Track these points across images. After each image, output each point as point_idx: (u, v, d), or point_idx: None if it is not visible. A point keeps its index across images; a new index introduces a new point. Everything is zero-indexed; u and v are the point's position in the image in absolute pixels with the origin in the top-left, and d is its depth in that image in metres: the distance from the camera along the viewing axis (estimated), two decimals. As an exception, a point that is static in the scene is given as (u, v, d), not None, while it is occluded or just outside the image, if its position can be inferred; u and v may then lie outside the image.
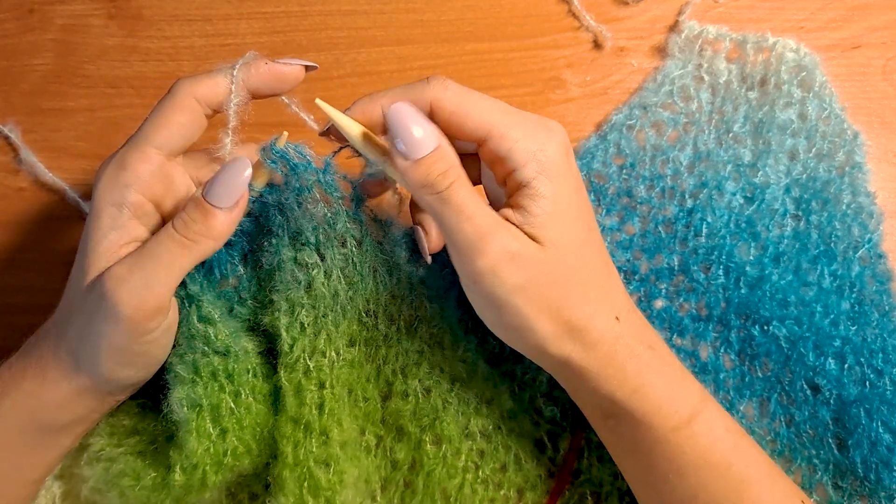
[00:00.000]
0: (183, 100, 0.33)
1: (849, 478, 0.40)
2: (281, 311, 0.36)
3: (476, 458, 0.40)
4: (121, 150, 0.33)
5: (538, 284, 0.31)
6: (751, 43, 0.45)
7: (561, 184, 0.31)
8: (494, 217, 0.31)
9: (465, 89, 0.32)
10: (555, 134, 0.32)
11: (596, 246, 0.33)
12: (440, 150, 0.31)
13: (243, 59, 0.35)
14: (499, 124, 0.31)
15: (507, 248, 0.31)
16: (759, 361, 0.42)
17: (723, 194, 0.44)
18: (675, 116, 0.45)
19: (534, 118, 0.32)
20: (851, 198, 0.43)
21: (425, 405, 0.40)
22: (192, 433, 0.34)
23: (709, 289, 0.43)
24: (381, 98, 0.33)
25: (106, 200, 0.32)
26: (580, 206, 0.33)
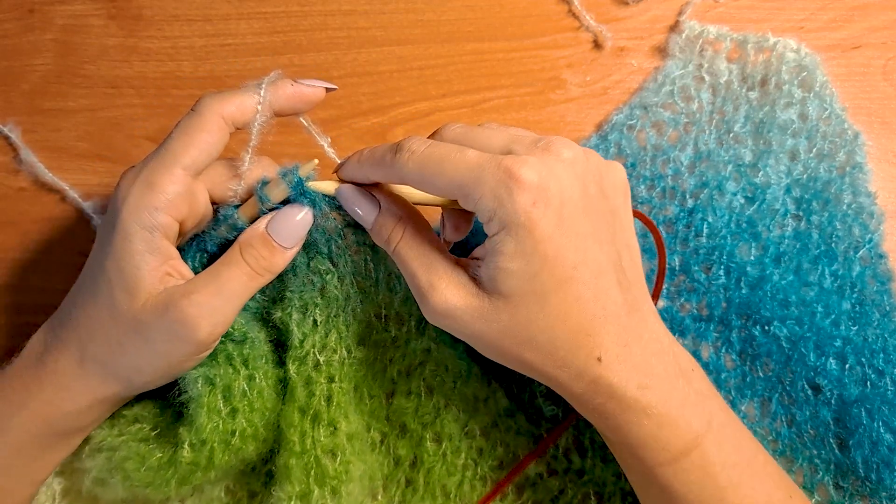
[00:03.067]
0: (210, 119, 0.33)
1: (850, 478, 0.40)
2: (294, 308, 0.38)
3: (475, 455, 0.40)
4: (146, 168, 0.33)
5: (485, 336, 0.33)
6: (751, 43, 0.45)
7: (523, 238, 0.30)
8: (437, 272, 0.33)
9: (431, 154, 0.32)
10: (519, 187, 0.30)
11: (576, 289, 0.31)
12: (378, 220, 0.35)
13: (269, 78, 0.35)
14: (461, 186, 0.31)
15: (442, 306, 0.32)
16: (761, 361, 0.42)
17: (723, 194, 0.44)
18: (676, 116, 0.45)
19: (496, 174, 0.30)
20: (852, 198, 0.43)
21: (427, 404, 0.40)
22: (203, 408, 0.35)
23: (710, 289, 0.43)
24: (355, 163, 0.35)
25: (136, 223, 0.32)
26: (550, 254, 0.31)
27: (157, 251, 0.33)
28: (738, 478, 0.33)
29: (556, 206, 0.31)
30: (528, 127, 0.46)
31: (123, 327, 0.33)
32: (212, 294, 0.33)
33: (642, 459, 0.33)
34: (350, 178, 0.36)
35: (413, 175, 0.32)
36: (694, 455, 0.32)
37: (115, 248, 0.33)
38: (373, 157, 0.34)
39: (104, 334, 0.34)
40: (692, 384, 0.34)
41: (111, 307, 0.33)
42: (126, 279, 0.33)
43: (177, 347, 0.34)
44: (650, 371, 0.33)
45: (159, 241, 0.33)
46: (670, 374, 0.33)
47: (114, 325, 0.34)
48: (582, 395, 0.33)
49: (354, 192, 0.35)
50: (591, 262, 0.32)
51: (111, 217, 0.33)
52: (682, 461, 0.32)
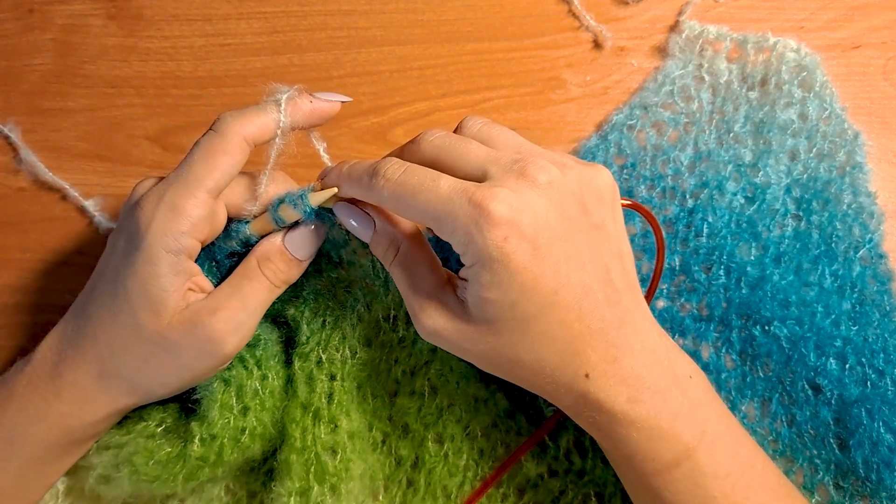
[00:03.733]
0: (233, 141, 0.33)
1: (850, 478, 0.40)
2: (308, 307, 0.39)
3: (476, 456, 0.40)
4: (170, 191, 0.33)
5: (473, 353, 0.33)
6: (751, 43, 0.45)
7: (497, 271, 0.30)
8: (427, 294, 0.33)
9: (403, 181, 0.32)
10: (488, 223, 0.30)
11: (558, 313, 0.31)
12: (373, 239, 0.35)
13: (288, 95, 0.35)
14: (431, 218, 0.31)
15: (431, 326, 0.33)
16: (761, 361, 0.42)
17: (723, 194, 0.44)
18: (676, 116, 0.45)
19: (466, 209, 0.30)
20: (852, 198, 0.43)
21: (431, 404, 0.40)
22: (215, 403, 0.35)
23: (710, 289, 0.43)
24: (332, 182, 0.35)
25: (162, 247, 0.33)
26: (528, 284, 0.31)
27: (181, 272, 0.33)
28: (730, 488, 0.32)
29: (531, 237, 0.30)
30: (528, 127, 0.46)
31: (149, 346, 0.34)
32: (237, 310, 0.34)
33: (633, 469, 0.33)
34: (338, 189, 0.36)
35: (388, 202, 0.33)
36: (685, 466, 0.32)
37: (139, 271, 0.33)
38: (350, 178, 0.34)
39: (128, 351, 0.34)
40: (687, 393, 0.33)
41: (135, 326, 0.33)
42: (151, 301, 0.33)
43: (204, 362, 0.35)
44: (641, 384, 0.32)
45: (184, 262, 0.33)
46: (663, 385, 0.33)
47: (139, 343, 0.34)
48: (572, 407, 0.34)
49: (349, 210, 0.36)
50: (573, 285, 0.32)
51: (133, 238, 0.33)
52: (673, 472, 0.32)
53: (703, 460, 0.32)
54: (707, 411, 0.34)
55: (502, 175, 0.31)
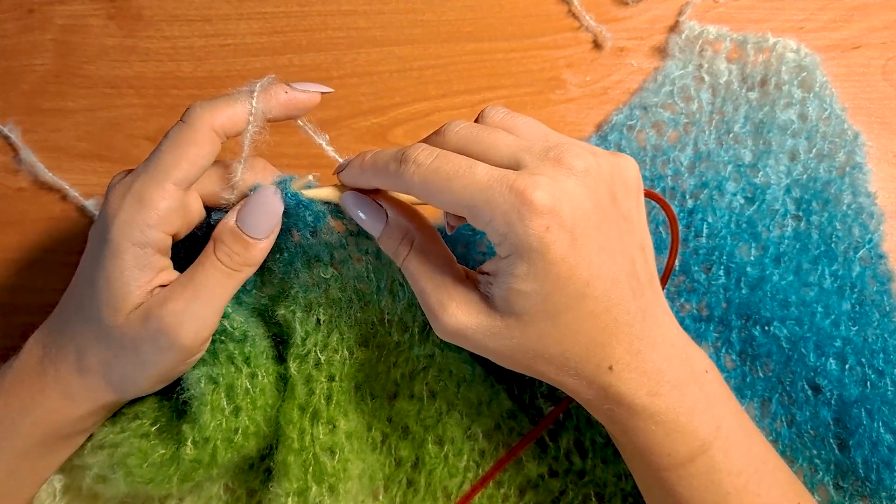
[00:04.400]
0: (201, 131, 0.32)
1: (850, 478, 0.40)
2: (298, 306, 0.38)
3: (477, 457, 0.40)
4: (137, 182, 0.32)
5: (496, 351, 0.33)
6: (751, 43, 0.45)
7: (535, 261, 0.30)
8: (447, 289, 0.32)
9: (436, 167, 0.31)
10: (530, 212, 0.29)
11: (588, 305, 0.31)
12: (385, 233, 0.34)
13: (261, 83, 0.34)
14: (469, 207, 0.30)
15: (452, 325, 0.32)
16: (761, 362, 0.42)
17: (723, 195, 0.44)
18: (676, 117, 0.45)
19: (507, 197, 0.29)
20: (852, 198, 0.43)
21: (430, 407, 0.40)
22: (206, 406, 0.35)
23: (710, 289, 0.43)
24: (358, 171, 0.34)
25: (128, 240, 0.32)
26: (563, 275, 0.30)
27: (147, 267, 0.33)
28: (743, 484, 0.32)
29: (569, 227, 0.30)
30: None
31: (112, 342, 0.33)
32: (188, 300, 0.33)
33: (648, 463, 0.33)
34: (352, 182, 0.34)
35: (418, 189, 0.31)
36: (700, 461, 0.32)
37: (105, 265, 0.32)
38: (376, 165, 0.33)
39: (96, 347, 0.34)
40: (704, 388, 0.33)
41: (98, 322, 0.33)
42: (114, 295, 0.32)
43: (164, 356, 0.34)
44: (661, 377, 0.32)
45: (150, 256, 0.33)
46: (682, 379, 0.33)
47: (104, 340, 0.33)
48: (592, 400, 0.33)
49: (359, 201, 0.34)
50: (604, 276, 0.31)
51: (101, 231, 0.33)
52: (688, 467, 0.32)
53: (717, 456, 0.32)
54: (722, 407, 0.34)
55: (538, 163, 0.30)
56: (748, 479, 0.33)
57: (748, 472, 0.33)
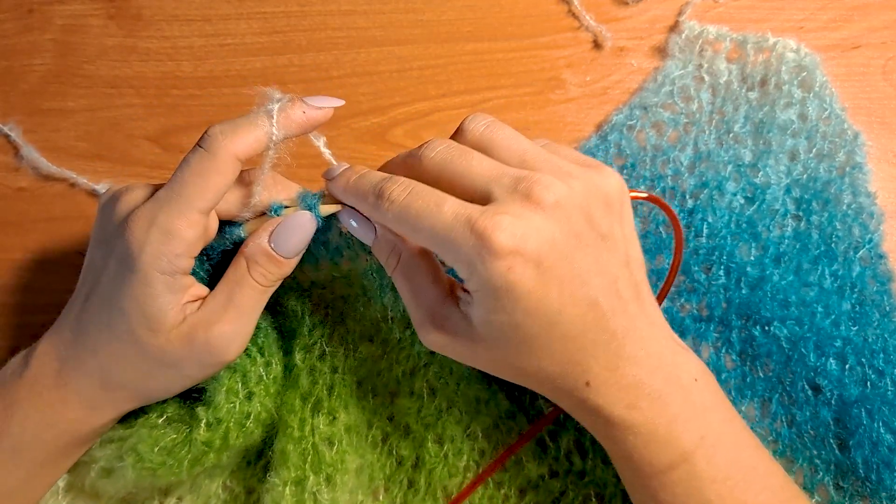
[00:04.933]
0: (225, 161, 0.33)
1: (850, 478, 0.40)
2: (310, 297, 0.40)
3: (477, 457, 0.41)
4: (162, 214, 0.32)
5: (479, 361, 0.34)
6: (751, 43, 0.45)
7: (500, 298, 0.30)
8: (429, 306, 0.34)
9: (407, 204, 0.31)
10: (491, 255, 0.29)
11: (561, 329, 0.31)
12: (375, 246, 0.36)
13: (279, 104, 0.34)
14: (435, 244, 0.31)
15: (434, 340, 0.34)
16: (761, 362, 0.42)
17: (723, 195, 0.44)
18: (676, 117, 0.45)
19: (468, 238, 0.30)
20: (852, 198, 0.43)
21: (430, 405, 0.41)
22: (222, 388, 0.36)
23: (710, 289, 0.43)
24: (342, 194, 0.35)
25: (156, 270, 0.32)
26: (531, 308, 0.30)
27: (178, 290, 0.33)
28: (728, 491, 0.32)
29: (535, 261, 0.30)
30: (528, 127, 0.47)
31: (151, 361, 0.34)
32: (232, 320, 0.34)
33: (631, 470, 0.34)
34: (338, 197, 0.36)
35: (392, 225, 0.33)
36: (681, 469, 0.32)
37: (135, 293, 0.33)
38: (357, 192, 0.34)
39: (130, 367, 0.34)
40: (690, 397, 0.33)
41: (135, 344, 0.34)
42: (149, 320, 0.33)
43: (206, 371, 0.35)
44: (640, 391, 0.32)
45: (180, 280, 0.33)
46: (664, 390, 0.33)
47: (140, 359, 0.34)
48: (570, 410, 0.34)
49: (352, 213, 0.36)
50: (577, 302, 0.31)
51: (126, 261, 0.33)
52: (669, 475, 0.32)
53: (700, 464, 0.32)
54: (709, 416, 0.33)
55: (507, 197, 0.31)
56: (734, 485, 0.33)
57: (735, 478, 0.33)
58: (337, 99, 0.36)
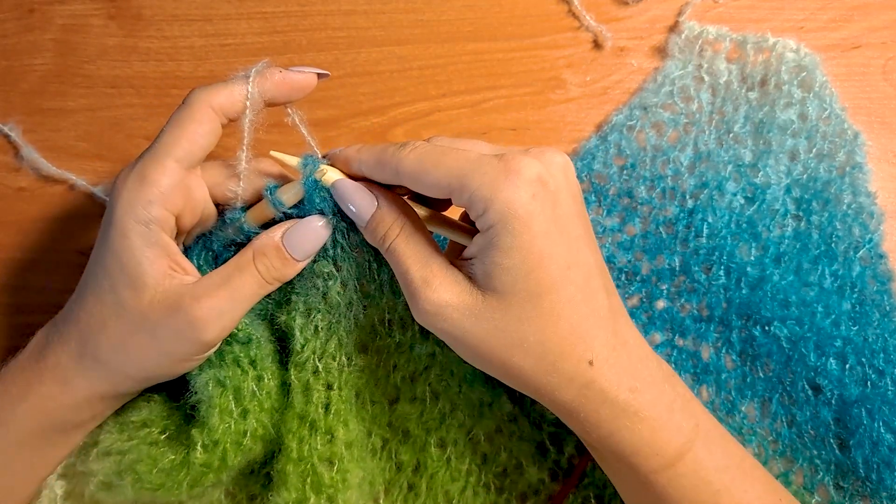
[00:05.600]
0: (200, 110, 0.33)
1: (850, 478, 0.40)
2: (298, 311, 0.38)
3: (479, 461, 0.40)
4: (139, 163, 0.33)
5: (475, 335, 0.32)
6: (751, 43, 0.45)
7: (521, 233, 0.30)
8: (429, 271, 0.33)
9: (433, 148, 0.32)
10: (521, 177, 0.30)
11: (572, 287, 0.32)
12: (376, 216, 0.34)
13: (256, 67, 0.35)
14: (457, 175, 0.31)
15: (434, 302, 0.32)
16: (761, 362, 0.42)
17: (723, 195, 0.44)
18: (676, 117, 0.45)
19: (496, 165, 0.31)
20: (852, 198, 0.43)
21: (433, 409, 0.40)
22: (215, 409, 0.35)
23: (710, 289, 0.43)
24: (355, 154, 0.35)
25: (131, 217, 0.32)
26: (549, 249, 0.31)
27: (155, 244, 0.33)
28: (730, 481, 0.33)
29: (552, 204, 0.31)
30: (528, 127, 0.47)
31: (129, 324, 0.33)
32: (223, 299, 0.34)
33: (636, 467, 0.32)
34: (343, 164, 0.35)
35: (412, 165, 0.32)
36: (688, 459, 0.32)
37: (114, 245, 0.33)
38: (373, 150, 0.34)
39: (106, 331, 0.34)
40: (676, 388, 0.34)
41: (116, 304, 0.33)
42: (129, 275, 0.33)
43: (182, 347, 0.34)
44: (638, 375, 0.32)
45: (157, 234, 0.33)
46: (656, 378, 0.33)
47: (118, 321, 0.34)
48: (571, 402, 0.32)
49: (353, 185, 0.35)
50: (582, 265, 0.32)
51: (108, 214, 0.33)
52: (677, 466, 0.32)
53: (702, 453, 0.32)
54: (695, 405, 0.34)
55: (521, 154, 0.32)
56: (733, 475, 0.33)
57: (732, 468, 0.33)
58: (321, 69, 0.36)
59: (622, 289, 0.44)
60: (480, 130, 0.48)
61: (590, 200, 0.45)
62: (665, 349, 0.43)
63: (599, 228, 0.45)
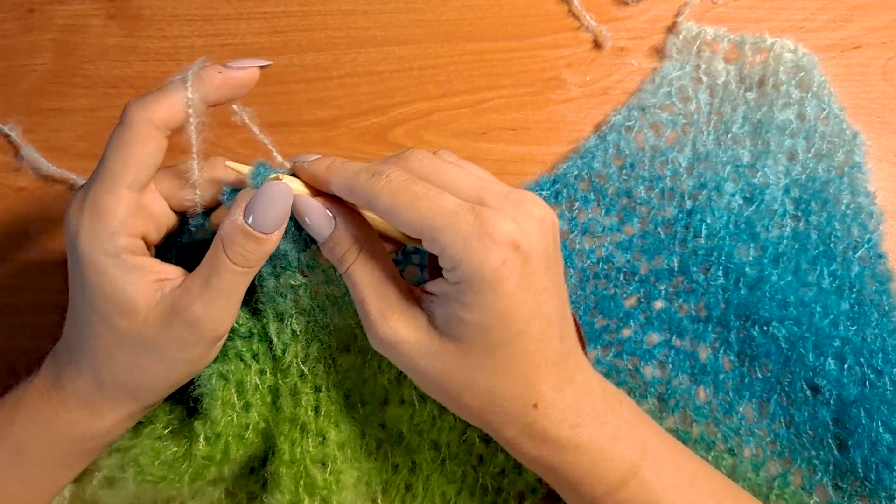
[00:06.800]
0: (142, 130, 0.32)
1: (849, 478, 0.40)
2: (270, 318, 0.37)
3: (475, 462, 0.40)
4: (90, 194, 0.32)
5: (427, 373, 0.33)
6: (749, 44, 0.46)
7: (485, 293, 0.30)
8: (389, 301, 0.33)
9: (408, 187, 0.31)
10: (492, 243, 0.30)
11: (524, 343, 0.32)
12: (333, 237, 0.34)
13: (192, 69, 0.33)
14: (430, 227, 0.31)
15: (388, 337, 0.32)
16: (759, 362, 0.42)
17: (722, 195, 0.44)
18: (674, 118, 0.46)
19: (471, 223, 0.30)
20: (851, 198, 0.43)
21: (422, 412, 0.39)
22: (217, 402, 0.35)
23: (708, 290, 0.43)
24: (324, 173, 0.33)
25: (100, 253, 0.32)
26: (508, 311, 0.31)
27: (132, 269, 0.32)
28: (681, 498, 0.33)
29: (522, 264, 0.31)
30: (528, 127, 0.47)
31: (134, 347, 0.33)
32: (210, 302, 0.33)
33: (581, 494, 0.33)
34: (310, 178, 0.34)
35: (385, 201, 0.31)
36: (632, 484, 0.33)
37: (91, 281, 0.32)
38: (346, 172, 0.33)
39: (115, 359, 0.34)
40: (622, 416, 0.34)
41: (114, 333, 0.33)
42: (117, 304, 0.32)
43: (191, 351, 0.34)
44: (581, 411, 0.33)
45: (130, 260, 0.32)
46: (599, 411, 0.34)
47: (123, 348, 0.33)
48: (515, 438, 0.33)
49: (308, 203, 0.34)
50: (542, 315, 0.32)
51: (72, 251, 0.33)
52: (622, 491, 0.33)
53: (648, 476, 0.33)
54: (643, 429, 0.35)
55: (501, 202, 0.31)
56: (684, 492, 0.33)
57: (682, 485, 0.34)
58: (260, 59, 0.35)
59: (620, 289, 0.44)
60: (480, 130, 0.48)
61: (589, 199, 0.45)
62: (663, 349, 0.43)
63: (598, 227, 0.45)
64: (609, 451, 0.33)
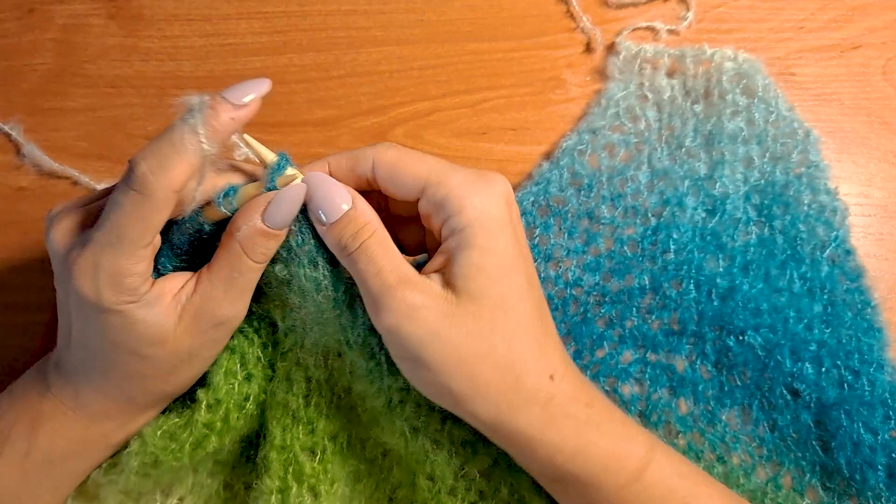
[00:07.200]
0: (163, 199, 0.31)
1: (836, 479, 0.43)
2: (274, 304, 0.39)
3: (475, 497, 0.38)
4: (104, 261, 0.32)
5: (448, 340, 0.32)
6: (689, 57, 0.49)
7: (496, 235, 0.33)
8: (404, 271, 0.34)
9: (408, 150, 0.35)
10: (494, 185, 0.33)
11: (532, 302, 0.34)
12: (351, 212, 0.34)
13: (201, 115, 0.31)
14: (436, 172, 0.33)
15: (409, 301, 0.32)
16: (738, 370, 0.45)
17: (684, 210, 0.47)
18: (626, 137, 0.49)
19: (472, 171, 0.34)
20: (812, 197, 0.46)
21: (414, 444, 0.38)
22: (220, 369, 0.38)
23: (681, 304, 0.46)
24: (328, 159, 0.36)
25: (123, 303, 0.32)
26: (516, 259, 0.33)
27: (154, 302, 0.34)
28: (695, 487, 0.34)
29: (517, 220, 0.35)
30: (528, 127, 0.50)
31: (168, 366, 0.36)
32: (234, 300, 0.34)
33: (603, 487, 0.33)
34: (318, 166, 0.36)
35: (391, 160, 0.34)
36: (652, 468, 0.34)
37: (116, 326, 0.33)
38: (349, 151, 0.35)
39: (146, 380, 0.36)
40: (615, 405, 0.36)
41: (144, 361, 0.35)
42: (149, 339, 0.34)
43: (219, 344, 0.37)
44: (588, 389, 0.35)
45: (150, 296, 0.33)
46: (600, 392, 0.36)
47: (155, 372, 0.36)
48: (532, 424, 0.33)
49: (327, 178, 0.35)
50: (536, 285, 0.35)
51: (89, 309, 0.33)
52: (643, 478, 0.33)
53: (663, 461, 0.34)
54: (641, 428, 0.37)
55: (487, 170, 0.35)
56: (696, 480, 0.35)
57: (692, 475, 0.35)
58: (263, 81, 0.34)
59: (591, 310, 0.45)
60: (480, 130, 0.51)
61: (549, 224, 0.47)
62: (638, 366, 0.45)
63: (563, 251, 0.47)
64: (623, 433, 0.34)
